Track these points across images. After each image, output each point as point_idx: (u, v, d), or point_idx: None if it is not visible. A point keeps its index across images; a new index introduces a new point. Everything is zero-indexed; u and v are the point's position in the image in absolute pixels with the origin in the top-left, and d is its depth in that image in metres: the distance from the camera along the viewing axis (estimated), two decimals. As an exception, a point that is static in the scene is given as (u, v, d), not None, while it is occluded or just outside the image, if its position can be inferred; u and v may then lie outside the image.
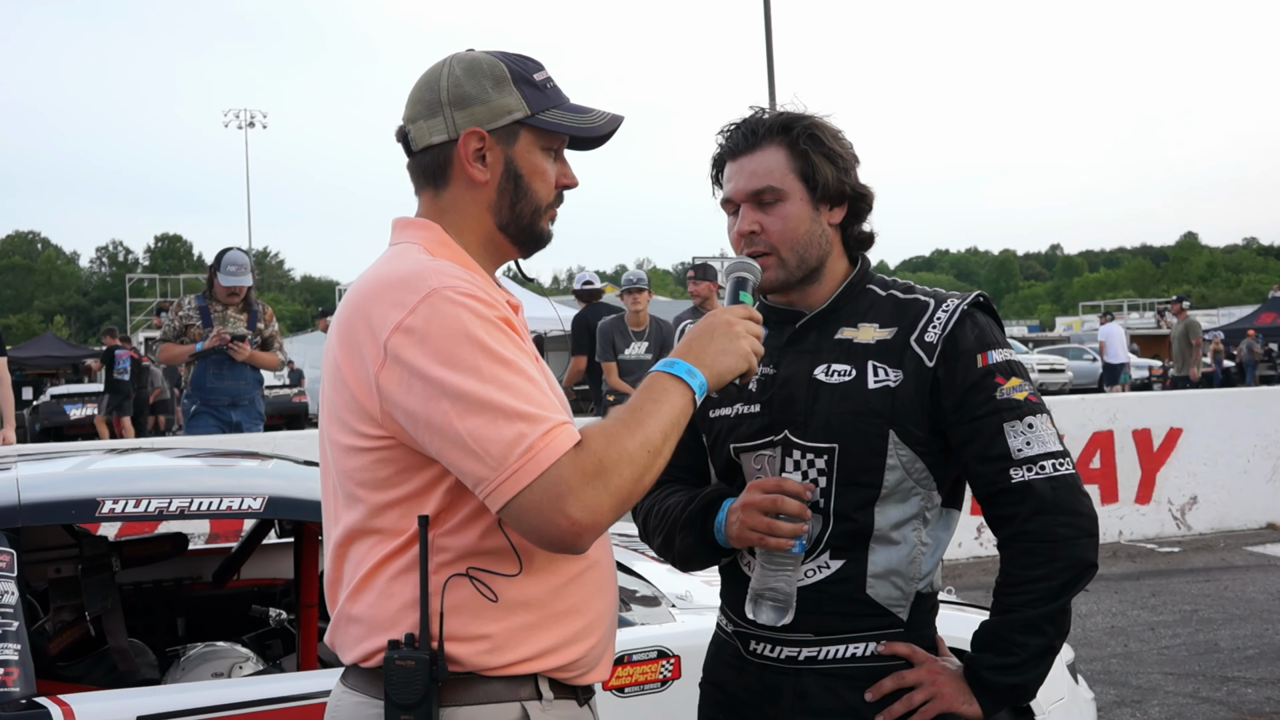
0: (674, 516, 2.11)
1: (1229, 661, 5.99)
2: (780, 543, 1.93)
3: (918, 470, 1.99)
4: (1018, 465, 1.93)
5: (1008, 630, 1.93)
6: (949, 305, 2.02)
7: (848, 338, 2.04)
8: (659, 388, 1.69)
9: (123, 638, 3.48)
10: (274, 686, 2.89)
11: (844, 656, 2.00)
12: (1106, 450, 9.27)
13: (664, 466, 1.66)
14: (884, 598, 1.99)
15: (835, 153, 2.03)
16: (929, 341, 1.99)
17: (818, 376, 2.02)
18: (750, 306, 1.88)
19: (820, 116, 2.07)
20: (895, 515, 1.98)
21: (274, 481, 3.31)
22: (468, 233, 1.81)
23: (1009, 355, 2.00)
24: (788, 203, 2.02)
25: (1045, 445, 1.94)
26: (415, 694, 1.62)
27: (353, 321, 1.68)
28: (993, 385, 1.96)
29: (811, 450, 2.00)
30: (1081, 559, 1.92)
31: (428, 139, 1.79)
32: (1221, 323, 44.25)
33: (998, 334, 2.02)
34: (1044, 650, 1.92)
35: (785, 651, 2.03)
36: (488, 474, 1.56)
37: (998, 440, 1.94)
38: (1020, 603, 1.92)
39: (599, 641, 1.81)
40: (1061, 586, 1.90)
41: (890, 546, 1.99)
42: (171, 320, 7.54)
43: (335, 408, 1.72)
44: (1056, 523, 1.91)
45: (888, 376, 1.98)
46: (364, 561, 1.71)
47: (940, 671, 1.97)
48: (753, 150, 2.04)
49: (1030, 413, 1.96)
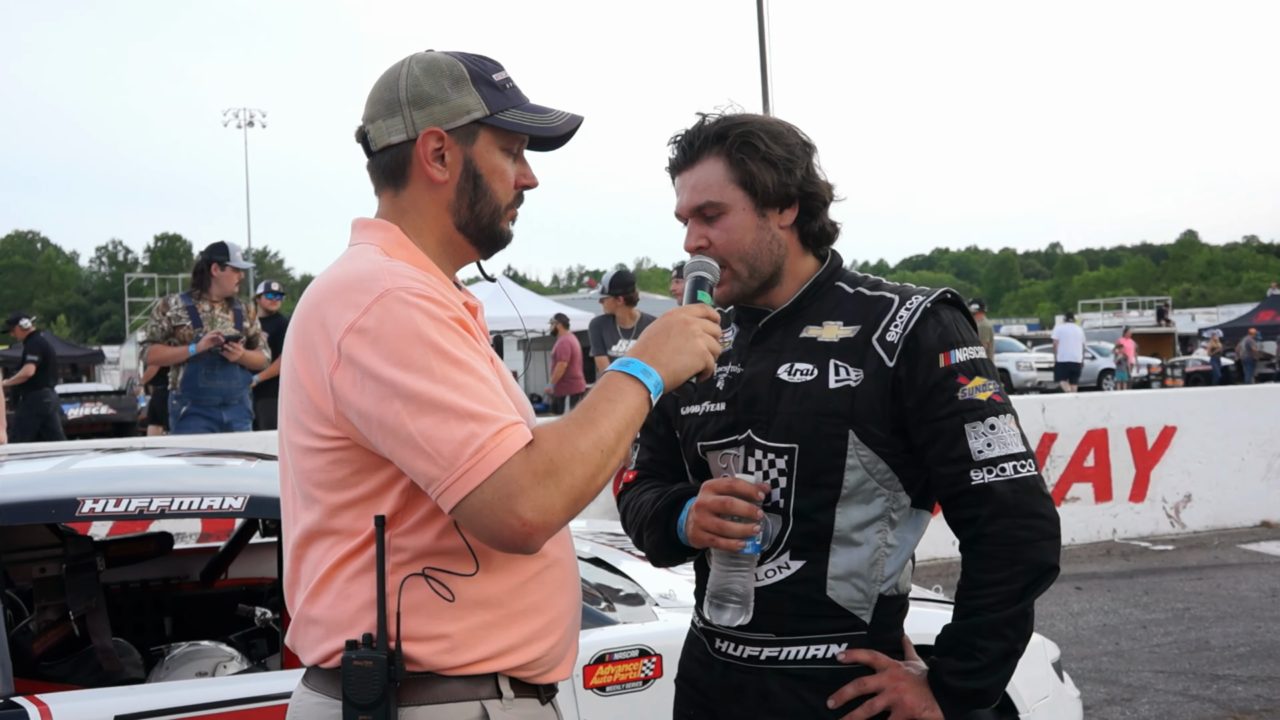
0: (645, 513, 2.12)
1: (1220, 659, 5.99)
2: (730, 544, 1.92)
3: (880, 471, 1.96)
4: (978, 467, 1.91)
5: (969, 634, 1.91)
6: (912, 303, 1.99)
7: (812, 336, 2.02)
8: (614, 387, 1.70)
9: (107, 637, 3.48)
10: (252, 685, 2.90)
11: (806, 658, 1.99)
12: (1101, 448, 9.27)
13: (618, 466, 1.66)
14: (845, 599, 1.98)
15: (774, 155, 1.99)
16: (890, 340, 1.96)
17: (781, 375, 2.01)
18: (708, 305, 1.88)
19: (760, 118, 2.04)
20: (857, 516, 1.97)
21: (256, 481, 3.31)
22: (426, 233, 1.82)
23: (974, 354, 1.97)
24: (730, 215, 1.99)
25: (1007, 447, 1.92)
26: (373, 694, 1.63)
27: (308, 322, 1.68)
28: (954, 385, 1.93)
29: (772, 450, 1.99)
30: (1042, 562, 1.90)
31: (386, 139, 1.79)
32: (1221, 321, 44.28)
33: (963, 332, 1.99)
34: (1005, 654, 1.90)
35: (748, 651, 2.02)
36: (439, 474, 1.56)
37: (958, 442, 1.92)
38: (981, 606, 1.90)
39: (560, 640, 1.81)
40: (1022, 590, 1.88)
41: (851, 548, 1.97)
42: (159, 321, 7.46)
43: (292, 408, 1.73)
44: (1017, 525, 1.89)
45: (848, 376, 1.96)
46: (321, 562, 1.71)
47: (902, 677, 1.96)
48: (693, 164, 2.02)
49: (992, 414, 1.93)
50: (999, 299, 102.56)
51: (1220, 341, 32.89)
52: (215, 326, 7.42)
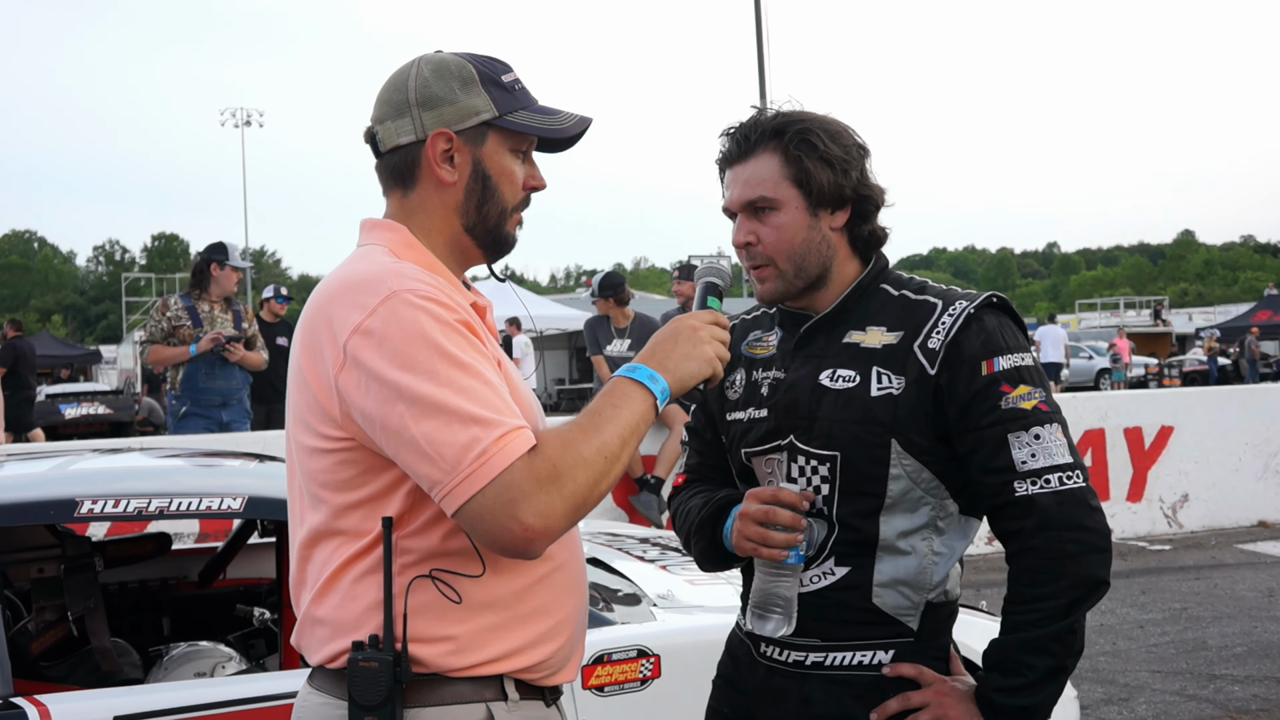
0: (692, 519, 2.10)
1: (1217, 659, 6.00)
2: (773, 553, 1.90)
3: (925, 480, 1.92)
4: (1022, 478, 1.85)
5: (1014, 650, 1.85)
6: (955, 309, 1.93)
7: (855, 341, 1.97)
8: (619, 393, 1.69)
9: (105, 638, 3.47)
10: (251, 686, 2.89)
11: (851, 664, 1.95)
12: (1098, 448, 9.28)
13: (623, 471, 1.65)
14: (891, 607, 1.94)
15: (832, 155, 1.94)
16: (932, 348, 1.91)
17: (823, 381, 1.97)
18: (717, 311, 1.86)
19: (818, 116, 1.99)
20: (903, 525, 1.92)
21: (254, 481, 3.31)
22: (434, 234, 1.81)
23: (1019, 361, 1.90)
24: (782, 211, 1.95)
25: (1052, 457, 1.86)
26: (378, 695, 1.62)
27: (315, 323, 1.68)
28: (998, 394, 1.87)
29: (815, 457, 1.96)
30: (1090, 576, 1.83)
31: (395, 140, 1.79)
32: (1218, 320, 44.33)
33: (1009, 337, 1.93)
34: (1052, 671, 1.84)
35: (793, 655, 1.99)
36: (441, 477, 1.56)
37: (1002, 452, 1.86)
38: (1026, 621, 1.84)
39: (566, 642, 1.81)
40: (1069, 605, 1.82)
41: (898, 557, 1.93)
42: (158, 321, 7.45)
43: (299, 409, 1.73)
44: (1062, 539, 1.83)
45: (891, 384, 1.92)
46: (328, 563, 1.71)
47: (948, 693, 1.90)
48: (746, 158, 1.98)
49: (1038, 423, 1.87)
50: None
51: (1217, 341, 32.92)
52: (215, 327, 7.42)
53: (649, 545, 4.30)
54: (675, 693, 3.17)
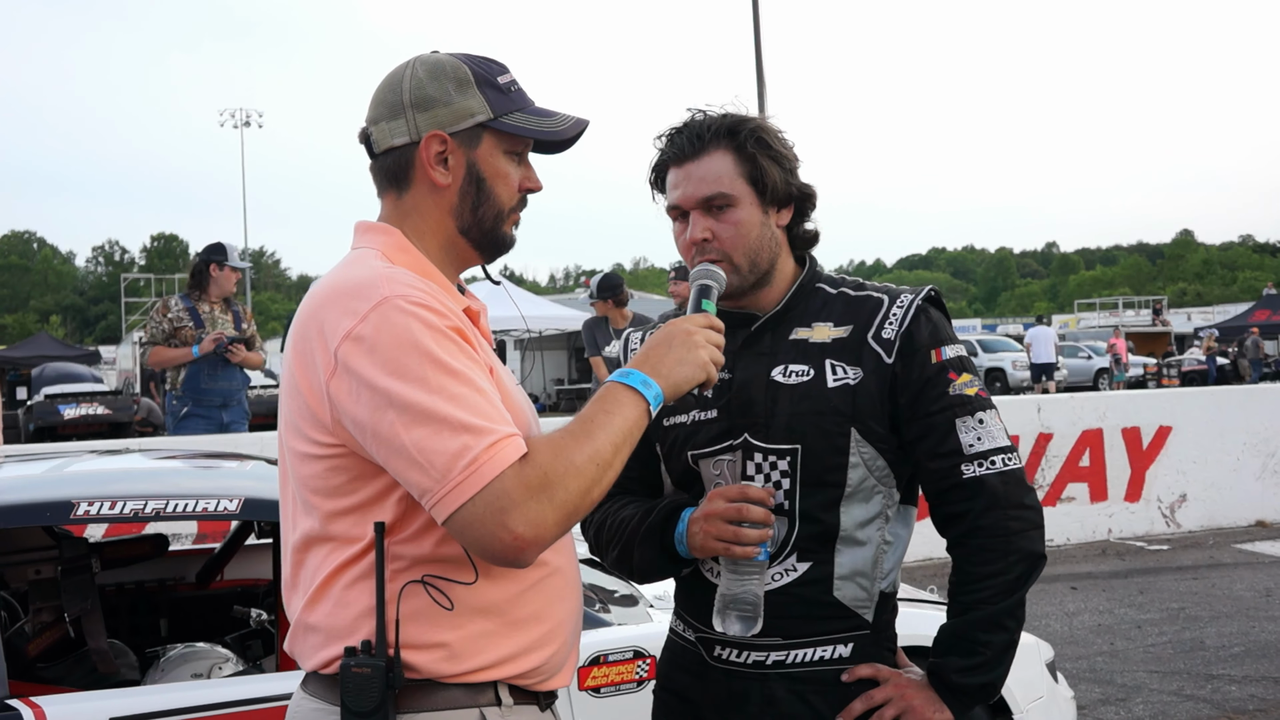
0: (631, 529, 2.07)
1: (1214, 659, 6.00)
2: (747, 551, 1.92)
3: (879, 468, 1.99)
4: (969, 460, 1.95)
5: (970, 630, 1.93)
6: (903, 301, 2.02)
7: (803, 338, 2.04)
8: (612, 399, 1.68)
9: (102, 639, 3.48)
10: (248, 687, 2.90)
11: (812, 660, 1.99)
12: (1096, 448, 9.28)
13: (615, 479, 1.64)
14: (850, 599, 1.99)
15: (781, 154, 2.02)
16: (886, 338, 1.99)
17: (775, 378, 2.01)
18: (711, 315, 1.86)
19: (763, 118, 2.06)
20: (860, 514, 1.99)
21: (251, 483, 3.31)
22: (429, 237, 1.80)
23: (960, 351, 2.02)
24: (739, 208, 2.00)
25: (995, 440, 1.97)
26: (371, 701, 1.62)
27: (307, 328, 1.67)
28: (946, 381, 1.97)
29: (774, 452, 1.99)
30: (1033, 551, 1.94)
31: (389, 141, 1.78)
32: (1217, 320, 44.34)
33: (949, 330, 2.04)
34: (1007, 645, 1.94)
35: (753, 656, 2.01)
36: (432, 485, 1.55)
37: (950, 436, 1.96)
38: (979, 600, 1.93)
39: (560, 648, 1.80)
40: (1017, 579, 1.93)
41: (856, 547, 1.99)
42: (159, 322, 7.42)
43: (291, 414, 1.72)
44: (1008, 516, 1.93)
45: (847, 374, 1.99)
46: (320, 569, 1.70)
47: (907, 684, 1.97)
48: (699, 155, 2.01)
49: (980, 409, 1.98)
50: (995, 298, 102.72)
51: (1216, 341, 32.92)
52: (216, 327, 7.41)
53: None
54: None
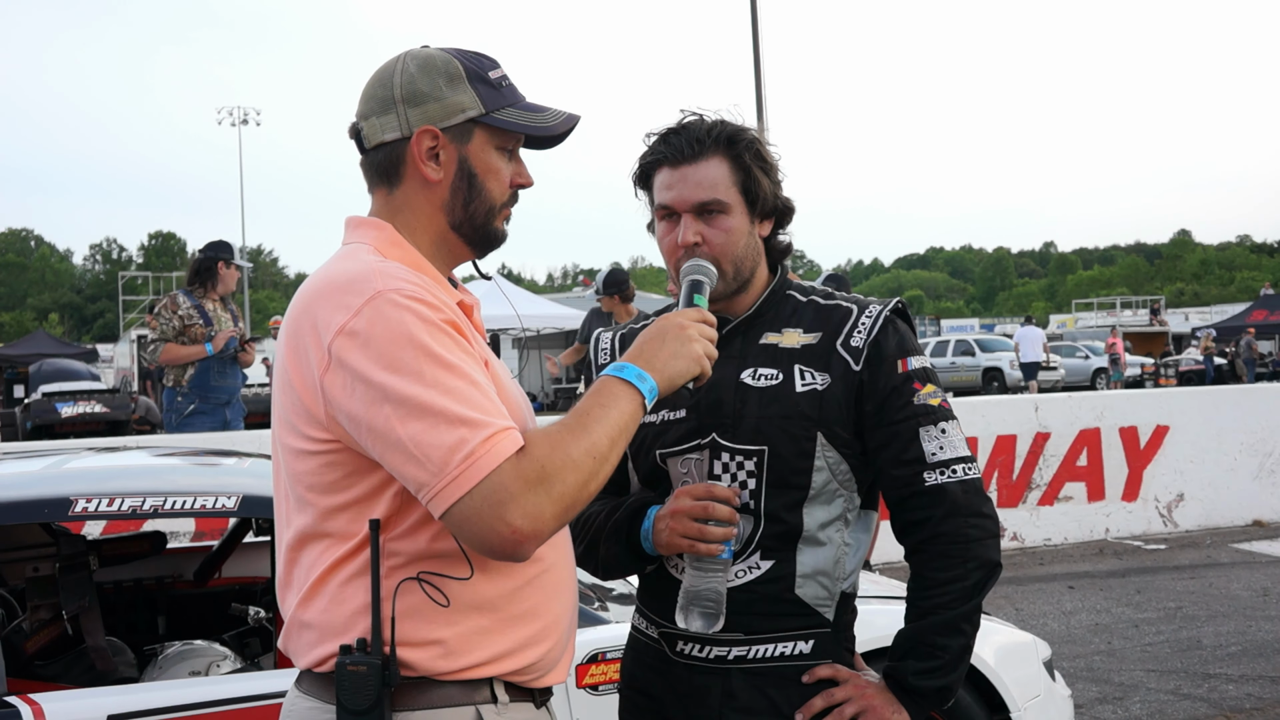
0: (597, 525, 2.10)
1: (1211, 658, 6.01)
2: (711, 548, 1.94)
3: (842, 472, 2.03)
4: (931, 469, 2.00)
5: (928, 634, 1.98)
6: (872, 311, 2.08)
7: (773, 343, 2.08)
8: (608, 392, 1.68)
9: (100, 636, 3.47)
10: (246, 685, 2.90)
11: (773, 655, 2.03)
12: (1094, 448, 9.29)
13: (611, 472, 1.65)
14: (811, 598, 2.03)
15: (772, 168, 2.07)
16: (855, 346, 2.04)
17: (745, 380, 2.05)
18: (704, 310, 1.87)
19: (758, 129, 2.09)
20: (821, 516, 2.03)
21: (249, 480, 3.31)
22: (420, 232, 1.80)
23: (925, 362, 2.07)
24: (730, 216, 2.02)
25: (956, 450, 2.02)
26: (367, 699, 1.61)
27: (299, 323, 1.66)
28: (911, 390, 2.02)
29: (741, 452, 2.02)
30: (989, 559, 2.00)
31: (380, 136, 1.77)
32: (1214, 320, 44.39)
33: (915, 341, 2.10)
34: (964, 649, 1.98)
35: (714, 651, 2.04)
36: (428, 479, 1.55)
37: (913, 444, 2.01)
38: (937, 604, 1.97)
39: (556, 644, 1.80)
40: (974, 586, 1.98)
41: (817, 547, 2.03)
42: (169, 320, 7.34)
43: (284, 410, 1.71)
44: (968, 524, 1.98)
45: (815, 380, 2.03)
46: (315, 566, 1.70)
47: (865, 685, 2.01)
48: (696, 160, 2.02)
49: (943, 419, 2.03)
50: (993, 298, 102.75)
51: (1214, 341, 32.95)
52: (220, 325, 7.41)
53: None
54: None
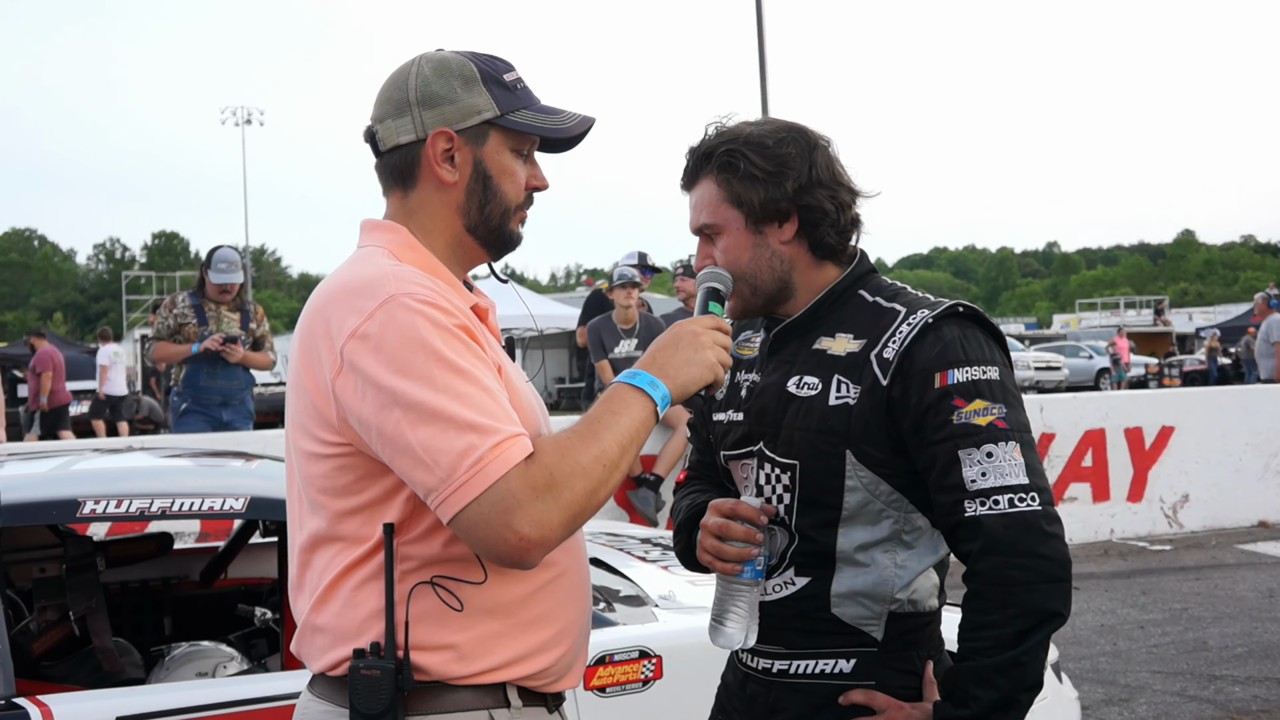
0: (679, 519, 2.14)
1: (1217, 660, 6.00)
2: (726, 567, 1.90)
3: (884, 493, 1.87)
4: (971, 498, 1.77)
5: (963, 679, 1.77)
6: (915, 318, 1.87)
7: (823, 348, 1.94)
8: (619, 400, 1.67)
9: (107, 637, 3.47)
10: (253, 686, 2.89)
11: (812, 672, 1.94)
12: (1098, 448, 9.28)
13: (622, 480, 1.64)
14: (852, 617, 1.91)
15: (759, 171, 1.91)
16: (886, 358, 1.86)
17: (790, 388, 1.95)
18: (719, 317, 1.85)
19: (750, 130, 1.96)
20: (862, 537, 1.89)
21: (257, 482, 3.31)
22: (435, 234, 1.80)
23: (978, 374, 1.81)
24: (725, 235, 1.96)
25: (1004, 477, 1.76)
26: (380, 703, 1.61)
27: (313, 326, 1.67)
28: (950, 408, 1.79)
29: (779, 465, 1.95)
30: (1038, 608, 1.73)
31: (395, 139, 1.77)
32: (1218, 320, 44.32)
33: (972, 349, 1.84)
34: (999, 704, 1.74)
35: (762, 663, 2.01)
36: (437, 485, 1.54)
37: (953, 469, 1.78)
38: (973, 649, 1.76)
39: (569, 649, 1.79)
40: (1016, 635, 1.72)
41: (857, 569, 1.89)
42: (165, 318, 7.48)
43: (297, 413, 1.71)
44: (1010, 565, 1.74)
45: (848, 393, 1.88)
46: (328, 569, 1.70)
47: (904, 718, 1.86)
48: (692, 184, 2.01)
49: (991, 440, 1.78)
50: (997, 298, 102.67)
51: (1219, 341, 32.91)
52: (222, 325, 7.43)
53: (650, 546, 4.30)
54: (677, 694, 3.18)
